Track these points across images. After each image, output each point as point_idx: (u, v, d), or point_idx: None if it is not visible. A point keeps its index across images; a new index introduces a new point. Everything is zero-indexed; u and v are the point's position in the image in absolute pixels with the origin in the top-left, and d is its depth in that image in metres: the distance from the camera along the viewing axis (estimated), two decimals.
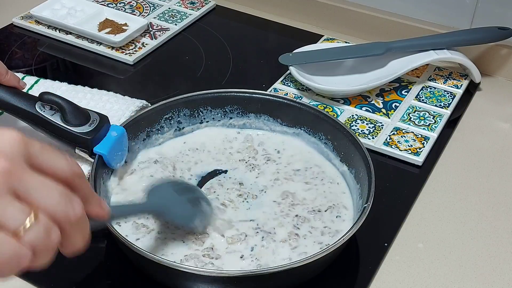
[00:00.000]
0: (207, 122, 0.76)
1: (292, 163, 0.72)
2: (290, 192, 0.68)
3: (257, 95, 0.75)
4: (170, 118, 0.74)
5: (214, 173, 0.71)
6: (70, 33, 0.98)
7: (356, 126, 0.80)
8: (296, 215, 0.65)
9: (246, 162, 0.73)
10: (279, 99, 0.74)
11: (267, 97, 0.75)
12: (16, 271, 0.38)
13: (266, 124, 0.76)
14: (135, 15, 1.03)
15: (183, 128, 0.75)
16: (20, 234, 0.37)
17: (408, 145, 0.77)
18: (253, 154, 0.74)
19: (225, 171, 0.72)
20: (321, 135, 0.72)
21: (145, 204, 0.61)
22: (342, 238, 0.57)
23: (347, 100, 0.85)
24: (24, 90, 0.69)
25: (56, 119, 0.66)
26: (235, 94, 0.75)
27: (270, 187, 0.69)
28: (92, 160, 0.65)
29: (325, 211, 0.66)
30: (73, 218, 0.40)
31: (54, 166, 0.41)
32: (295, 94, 0.86)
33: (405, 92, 0.87)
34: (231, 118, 0.76)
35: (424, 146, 0.77)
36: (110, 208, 0.48)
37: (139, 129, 0.72)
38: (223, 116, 0.76)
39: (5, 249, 0.37)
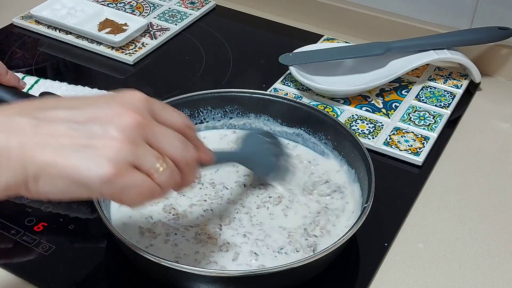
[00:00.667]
0: (207, 122, 0.76)
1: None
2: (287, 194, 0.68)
3: (257, 95, 0.75)
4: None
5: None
6: (70, 33, 0.98)
7: (356, 126, 0.80)
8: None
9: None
10: (279, 99, 0.74)
11: (267, 97, 0.75)
12: (147, 202, 0.46)
13: (266, 124, 0.76)
14: (135, 15, 1.03)
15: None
16: (154, 176, 0.44)
17: (408, 145, 0.77)
18: None
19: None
20: (321, 135, 0.72)
21: (237, 153, 0.68)
22: (342, 238, 0.57)
23: (347, 100, 0.85)
24: (24, 90, 0.69)
25: None
26: (235, 94, 0.75)
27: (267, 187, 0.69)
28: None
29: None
30: (190, 161, 0.48)
31: (172, 119, 0.48)
32: (295, 94, 0.86)
33: (405, 92, 0.87)
34: (231, 118, 0.76)
35: (424, 146, 0.77)
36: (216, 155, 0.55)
37: None
38: (223, 116, 0.76)
39: (145, 186, 0.44)
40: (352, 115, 0.82)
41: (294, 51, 0.89)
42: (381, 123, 0.81)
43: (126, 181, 0.43)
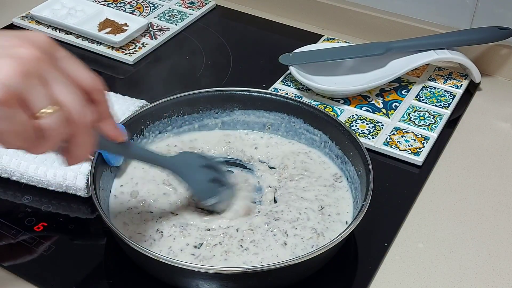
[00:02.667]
0: (207, 120, 0.76)
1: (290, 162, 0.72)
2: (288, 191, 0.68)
3: (257, 94, 0.75)
4: (169, 116, 0.74)
5: None
6: (70, 33, 0.98)
7: (356, 126, 0.80)
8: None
9: (245, 161, 0.73)
10: (278, 98, 0.74)
11: (267, 96, 0.75)
12: (16, 145, 0.41)
13: (259, 117, 0.76)
14: (135, 15, 1.03)
15: (183, 126, 0.75)
16: (39, 116, 0.41)
17: (408, 145, 0.77)
18: (253, 153, 0.74)
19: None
20: (321, 133, 0.72)
21: (170, 158, 0.63)
22: (341, 235, 0.57)
23: (347, 100, 0.85)
24: None
25: None
26: (235, 92, 0.75)
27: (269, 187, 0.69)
28: (92, 158, 0.65)
29: (324, 208, 0.66)
30: (86, 122, 0.43)
31: (77, 74, 0.44)
32: (295, 94, 0.86)
33: (405, 92, 0.87)
34: (230, 117, 0.76)
35: (424, 146, 0.77)
36: (134, 146, 0.53)
37: (138, 127, 0.72)
38: (222, 114, 0.76)
39: (22, 127, 0.40)
40: (352, 115, 0.82)
41: (294, 51, 0.89)
42: (381, 123, 0.81)
43: (3, 111, 0.39)
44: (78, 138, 0.44)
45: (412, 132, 0.79)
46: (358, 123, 0.80)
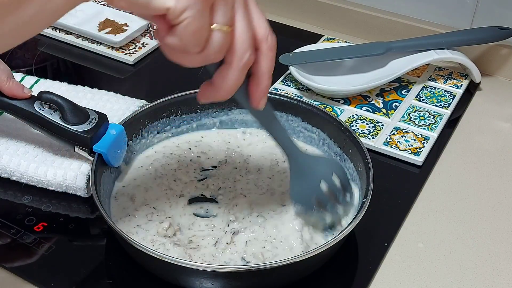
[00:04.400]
0: (205, 119, 0.76)
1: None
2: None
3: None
4: (168, 116, 0.74)
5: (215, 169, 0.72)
6: (70, 33, 0.98)
7: (356, 126, 0.80)
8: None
9: (244, 160, 0.73)
10: (276, 97, 0.74)
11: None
12: (184, 40, 0.43)
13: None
14: (135, 15, 1.03)
15: (181, 126, 0.75)
16: (212, 29, 0.43)
17: (408, 145, 0.77)
18: (252, 152, 0.74)
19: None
20: (319, 131, 0.73)
21: (300, 154, 0.61)
22: (342, 233, 0.57)
23: (347, 100, 0.85)
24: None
25: (55, 118, 0.66)
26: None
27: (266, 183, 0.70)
28: (92, 159, 0.65)
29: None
30: (244, 60, 0.46)
31: (257, 20, 0.47)
32: (295, 94, 0.86)
33: (405, 92, 0.87)
34: (228, 116, 0.76)
35: (424, 146, 0.77)
36: (271, 113, 0.55)
37: (138, 127, 0.72)
38: (220, 113, 0.76)
39: (200, 21, 0.42)
40: (352, 115, 0.82)
41: (294, 51, 0.89)
42: (381, 123, 0.81)
43: (192, 12, 0.41)
44: (229, 70, 0.47)
45: (412, 132, 0.79)
46: (358, 123, 0.80)
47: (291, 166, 0.61)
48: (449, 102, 0.85)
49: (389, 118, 0.82)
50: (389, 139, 0.78)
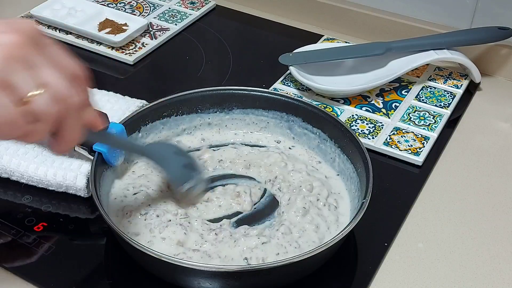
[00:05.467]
0: (205, 119, 0.76)
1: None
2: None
3: (255, 93, 0.75)
4: (168, 116, 0.74)
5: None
6: (70, 33, 0.98)
7: (356, 126, 0.80)
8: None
9: (245, 160, 0.73)
10: (276, 97, 0.75)
11: (265, 94, 0.75)
12: (8, 134, 0.41)
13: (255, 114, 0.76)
14: (135, 15, 1.03)
15: (181, 125, 0.75)
16: (28, 101, 0.40)
17: (408, 145, 0.77)
18: (252, 151, 0.74)
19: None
20: (320, 132, 0.73)
21: (148, 147, 0.66)
22: (341, 233, 0.57)
23: (347, 100, 0.85)
24: None
25: None
26: (233, 91, 0.75)
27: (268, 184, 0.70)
28: (92, 158, 0.65)
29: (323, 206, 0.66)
30: (75, 101, 0.43)
31: (61, 60, 0.44)
32: (295, 94, 0.86)
33: (405, 92, 0.87)
34: (229, 116, 0.76)
35: (424, 146, 0.77)
36: (113, 135, 0.53)
37: (138, 126, 0.72)
38: (221, 113, 0.76)
39: (3, 109, 0.40)
40: (352, 115, 0.82)
41: (294, 51, 0.89)
42: (381, 123, 0.81)
43: None
44: (68, 119, 0.44)
45: (412, 132, 0.79)
46: (358, 123, 0.80)
47: (154, 160, 0.65)
48: (449, 102, 0.85)
49: (389, 118, 0.82)
50: (389, 139, 0.78)
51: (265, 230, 0.63)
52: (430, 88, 0.88)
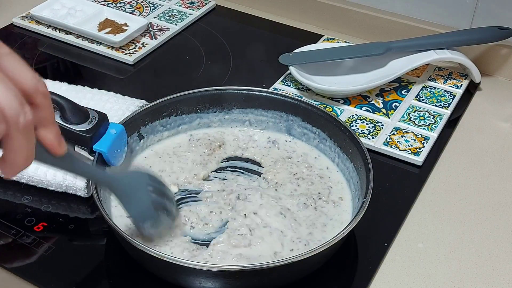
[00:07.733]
0: (205, 119, 0.76)
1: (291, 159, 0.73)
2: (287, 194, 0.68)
3: (255, 92, 0.75)
4: (168, 115, 0.74)
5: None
6: (70, 33, 0.98)
7: (356, 126, 0.80)
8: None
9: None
10: (276, 96, 0.75)
11: (265, 94, 0.75)
12: None
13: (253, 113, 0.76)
14: (135, 15, 1.03)
15: (181, 125, 0.75)
16: None
17: (408, 145, 0.77)
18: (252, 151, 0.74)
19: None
20: (319, 131, 0.73)
21: (116, 177, 0.59)
22: (342, 232, 0.57)
23: (347, 100, 0.85)
24: None
25: (55, 117, 0.65)
26: (233, 91, 0.75)
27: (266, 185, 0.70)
28: (92, 158, 0.65)
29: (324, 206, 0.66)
30: (22, 123, 0.38)
31: (18, 73, 0.39)
32: (295, 94, 0.86)
33: (405, 92, 0.87)
34: (229, 115, 0.76)
35: (424, 146, 0.77)
36: (75, 161, 0.48)
37: (138, 126, 0.72)
38: (221, 113, 0.76)
39: None
40: (352, 115, 0.82)
41: (294, 51, 0.89)
42: (381, 123, 0.81)
43: None
44: (13, 140, 0.39)
45: (412, 132, 0.79)
46: (358, 123, 0.80)
47: (116, 193, 0.59)
48: (449, 102, 0.85)
49: (389, 118, 0.82)
50: (389, 139, 0.78)
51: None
52: (430, 88, 0.88)
